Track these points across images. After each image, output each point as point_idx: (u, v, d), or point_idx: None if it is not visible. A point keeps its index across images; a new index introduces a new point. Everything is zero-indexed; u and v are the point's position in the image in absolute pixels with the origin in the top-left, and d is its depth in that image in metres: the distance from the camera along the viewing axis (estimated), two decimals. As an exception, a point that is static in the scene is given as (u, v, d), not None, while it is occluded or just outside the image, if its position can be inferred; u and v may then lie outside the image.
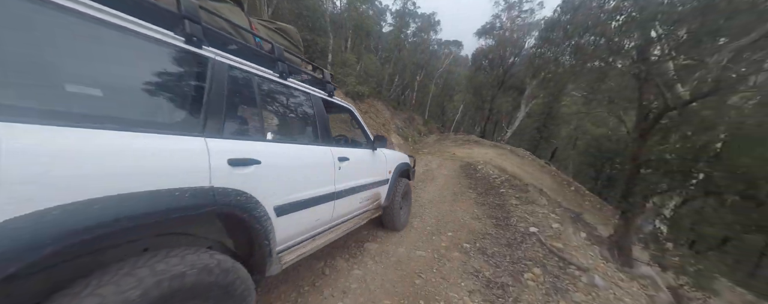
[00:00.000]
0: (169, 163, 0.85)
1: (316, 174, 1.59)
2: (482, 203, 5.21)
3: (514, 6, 19.67)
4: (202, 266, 0.85)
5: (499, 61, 20.15)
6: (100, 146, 0.71)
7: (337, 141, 2.08)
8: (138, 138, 0.81)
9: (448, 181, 7.97)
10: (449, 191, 6.24)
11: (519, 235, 3.33)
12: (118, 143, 0.76)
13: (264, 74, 1.37)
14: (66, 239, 0.60)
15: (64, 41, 0.71)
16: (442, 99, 32.17)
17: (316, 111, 1.77)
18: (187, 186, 0.86)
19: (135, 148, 0.79)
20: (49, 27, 0.68)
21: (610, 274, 2.49)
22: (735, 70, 3.64)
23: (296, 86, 1.63)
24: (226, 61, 1.17)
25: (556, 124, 17.10)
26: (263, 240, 1.15)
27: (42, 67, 0.67)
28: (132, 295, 0.68)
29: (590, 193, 12.65)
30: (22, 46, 0.63)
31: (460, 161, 11.56)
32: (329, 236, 1.80)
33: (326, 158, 1.70)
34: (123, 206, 0.70)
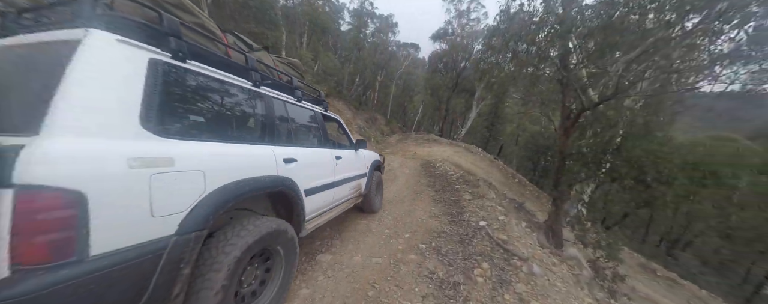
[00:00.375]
0: (259, 161, 1.53)
1: (324, 169, 2.33)
2: (439, 201, 5.38)
3: (463, 14, 21.25)
4: (277, 224, 1.53)
5: (453, 65, 21.55)
6: (231, 152, 1.40)
7: (333, 144, 2.76)
8: (245, 147, 1.50)
9: (409, 180, 8.12)
10: (409, 190, 6.33)
11: (470, 230, 3.48)
12: (239, 151, 1.45)
13: (290, 100, 2.11)
14: (229, 198, 1.24)
15: (219, 97, 1.48)
16: (403, 99, 33.06)
17: (319, 123, 2.47)
18: (267, 175, 1.53)
19: (245, 153, 1.48)
20: (211, 90, 1.42)
21: (545, 260, 2.76)
22: (627, 78, 4.46)
23: (306, 106, 2.36)
24: (272, 95, 1.86)
25: (501, 123, 19.09)
26: (300, 210, 1.84)
27: (204, 113, 1.36)
28: (244, 241, 1.31)
29: (530, 183, 14.42)
30: (202, 102, 1.36)
31: (421, 159, 11.94)
32: (331, 213, 2.57)
33: (329, 158, 2.43)
34: (244, 184, 1.33)
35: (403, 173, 9.29)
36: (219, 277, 1.17)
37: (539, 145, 16.95)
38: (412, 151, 14.84)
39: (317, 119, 2.49)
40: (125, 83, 0.99)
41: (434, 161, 11.06)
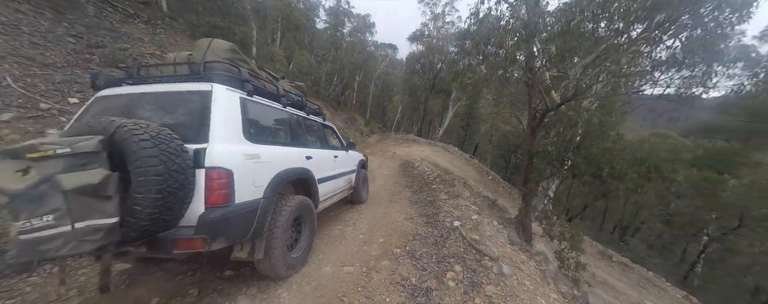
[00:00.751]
0: (293, 157, 2.38)
1: (328, 164, 3.14)
2: (416, 201, 5.35)
3: (438, 17, 21.76)
4: (303, 199, 2.37)
5: (430, 66, 21.98)
6: (283, 151, 2.28)
7: (331, 146, 3.55)
8: (287, 148, 2.39)
9: (387, 181, 8.06)
10: (387, 191, 6.25)
11: (445, 231, 3.47)
12: (286, 151, 2.34)
13: (302, 114, 2.95)
14: (283, 180, 2.09)
15: (281, 121, 2.55)
16: (383, 99, 33.05)
17: (321, 130, 3.32)
18: (299, 166, 2.40)
19: (285, 152, 2.32)
20: (273, 114, 2.43)
21: (514, 258, 2.81)
22: (584, 82, 4.79)
23: (312, 118, 3.22)
24: (295, 113, 2.78)
25: (476, 123, 19.87)
26: (316, 192, 2.66)
27: (264, 126, 2.22)
28: (290, 206, 2.17)
29: (503, 180, 15.16)
30: (271, 121, 2.38)
31: (400, 159, 11.94)
32: (331, 200, 3.41)
33: (330, 156, 3.25)
34: (290, 171, 2.21)
35: (382, 174, 9.20)
36: (282, 222, 2.06)
37: (510, 143, 17.89)
38: (392, 151, 14.82)
39: (320, 127, 3.40)
40: (234, 113, 1.79)
41: (413, 160, 11.12)
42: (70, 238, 1.09)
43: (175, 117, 1.65)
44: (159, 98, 1.74)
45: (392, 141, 19.15)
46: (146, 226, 1.28)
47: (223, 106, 1.71)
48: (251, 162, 1.78)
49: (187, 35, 11.09)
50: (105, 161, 1.20)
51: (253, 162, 1.79)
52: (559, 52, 4.22)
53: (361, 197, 4.50)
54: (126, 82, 1.96)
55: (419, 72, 23.21)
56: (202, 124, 1.60)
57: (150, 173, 1.25)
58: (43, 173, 1.08)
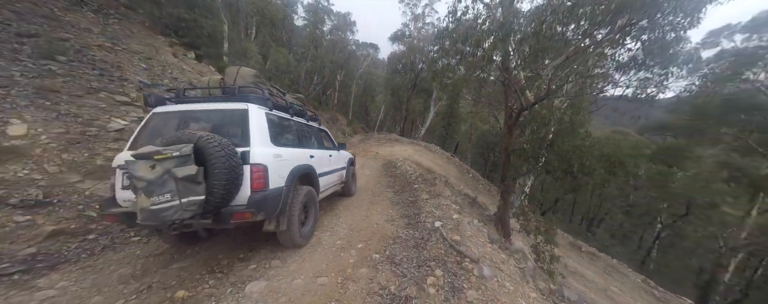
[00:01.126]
0: (301, 156, 3.04)
1: (326, 162, 3.77)
2: (397, 202, 5.23)
3: (419, 18, 21.95)
4: (309, 189, 3.04)
5: (411, 66, 22.10)
6: (296, 152, 2.98)
7: (326, 146, 4.14)
8: (297, 149, 3.04)
9: (369, 182, 7.88)
10: (368, 193, 6.06)
11: (426, 232, 3.37)
12: (298, 152, 3.01)
13: (304, 121, 3.65)
14: (298, 174, 2.79)
15: (291, 128, 3.17)
16: (365, 99, 32.76)
17: (317, 133, 3.97)
18: (306, 163, 3.06)
19: (296, 152, 2.96)
20: (287, 123, 3.08)
21: (495, 258, 2.77)
22: (555, 82, 4.96)
23: (311, 124, 3.92)
24: (299, 121, 3.48)
25: (457, 123, 20.33)
26: (317, 185, 3.29)
27: (281, 133, 2.85)
28: (301, 194, 2.85)
29: (482, 178, 15.62)
30: (286, 129, 3.02)
31: (383, 159, 11.80)
32: (328, 191, 4.05)
33: (326, 155, 3.87)
34: (300, 166, 2.88)
35: (364, 175, 9.01)
36: (297, 205, 2.71)
37: (489, 142, 18.51)
38: (375, 151, 14.64)
39: (317, 131, 4.01)
40: (263, 125, 2.43)
41: (396, 160, 11.03)
42: (178, 208, 1.74)
43: (221, 128, 2.33)
44: (207, 114, 2.42)
45: (375, 141, 18.98)
46: (218, 202, 1.96)
47: (256, 120, 2.39)
48: (278, 160, 2.49)
49: (147, 27, 10.07)
50: (194, 160, 1.83)
51: (278, 160, 2.51)
52: (533, 52, 4.34)
53: (350, 190, 5.22)
54: (170, 101, 2.57)
55: (401, 72, 23.26)
56: (243, 133, 2.29)
57: (220, 167, 1.91)
58: (164, 168, 1.71)
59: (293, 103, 3.41)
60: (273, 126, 2.60)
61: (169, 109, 2.48)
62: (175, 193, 1.74)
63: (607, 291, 7.95)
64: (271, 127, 2.56)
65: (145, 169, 1.71)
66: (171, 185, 1.73)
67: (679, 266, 13.54)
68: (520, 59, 4.89)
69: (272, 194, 2.32)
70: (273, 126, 2.60)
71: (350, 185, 5.13)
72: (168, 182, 1.72)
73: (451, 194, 6.07)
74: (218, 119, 2.38)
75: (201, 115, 2.42)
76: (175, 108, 2.49)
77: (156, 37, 10.16)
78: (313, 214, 3.17)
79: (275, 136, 2.58)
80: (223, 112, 2.39)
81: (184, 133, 1.96)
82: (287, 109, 3.12)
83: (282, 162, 2.53)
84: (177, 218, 1.75)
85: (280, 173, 2.48)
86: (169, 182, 1.72)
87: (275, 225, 2.51)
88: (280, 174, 2.46)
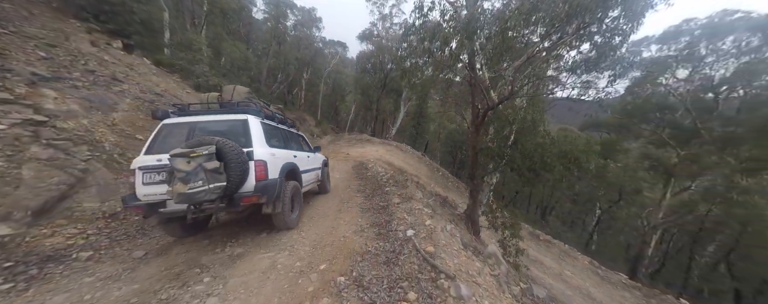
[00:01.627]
0: (287, 155, 3.69)
1: (305, 161, 4.36)
2: (368, 208, 4.86)
3: (386, 18, 21.84)
4: (295, 183, 3.72)
5: (380, 66, 21.89)
6: (284, 152, 3.66)
7: (304, 149, 4.83)
8: (285, 150, 3.76)
9: (339, 186, 7.39)
10: (336, 199, 5.59)
11: (398, 243, 3.07)
12: (285, 152, 3.71)
13: (290, 130, 4.53)
14: (286, 170, 3.46)
15: (278, 133, 3.85)
16: (335, 99, 31.65)
17: (296, 137, 4.66)
18: (291, 161, 3.72)
19: (284, 152, 3.65)
20: (275, 130, 3.77)
21: (470, 270, 2.59)
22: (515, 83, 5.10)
23: (292, 130, 4.58)
24: (290, 130, 4.51)
25: (426, 122, 20.73)
26: (300, 180, 3.96)
27: (273, 137, 3.56)
28: (290, 186, 3.52)
29: (452, 176, 16.12)
30: (275, 134, 3.72)
31: (353, 161, 11.31)
32: (308, 187, 4.74)
33: (305, 155, 4.48)
34: (288, 163, 3.57)
35: (334, 178, 8.47)
36: (287, 192, 3.37)
37: (456, 140, 19.21)
38: (345, 152, 14.06)
39: (296, 135, 4.60)
40: (260, 130, 3.14)
41: (367, 161, 10.63)
42: (207, 192, 2.40)
43: (226, 134, 2.89)
44: (213, 124, 3.05)
45: (346, 142, 18.33)
46: (232, 188, 2.63)
47: (255, 127, 3.07)
48: (272, 157, 3.13)
49: (54, 9, 8.13)
50: (216, 157, 2.52)
51: (273, 157, 3.14)
52: (497, 51, 4.39)
53: (325, 188, 5.79)
54: (174, 114, 3.16)
55: (370, 72, 22.91)
56: (246, 137, 2.96)
57: (234, 162, 2.62)
58: (197, 163, 2.37)
59: (276, 113, 4.12)
60: (266, 131, 3.30)
61: (177, 120, 3.07)
62: (205, 180, 2.40)
63: (561, 275, 8.65)
64: (265, 132, 3.27)
65: (183, 163, 2.36)
66: (202, 174, 2.39)
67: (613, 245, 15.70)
68: (486, 59, 4.91)
69: (271, 182, 2.99)
70: (266, 131, 3.30)
71: (325, 184, 5.80)
72: (200, 172, 2.38)
73: (423, 195, 5.92)
74: (223, 128, 3.00)
75: (208, 125, 3.03)
76: (182, 120, 3.07)
77: (67, 21, 8.25)
78: (299, 204, 3.86)
79: (268, 140, 3.30)
80: (227, 122, 3.06)
81: (205, 137, 2.62)
82: (274, 118, 3.84)
83: (275, 159, 3.23)
84: (206, 199, 2.43)
85: (275, 168, 3.16)
86: (200, 173, 2.38)
87: (272, 208, 3.14)
88: (274, 168, 3.14)
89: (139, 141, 5.73)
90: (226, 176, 2.53)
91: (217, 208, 2.62)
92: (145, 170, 2.70)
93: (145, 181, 2.69)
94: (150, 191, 2.68)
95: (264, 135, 3.16)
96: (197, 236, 3.55)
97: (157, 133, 2.93)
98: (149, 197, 2.67)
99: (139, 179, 2.70)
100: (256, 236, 3.45)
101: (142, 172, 2.70)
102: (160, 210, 2.65)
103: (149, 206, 2.65)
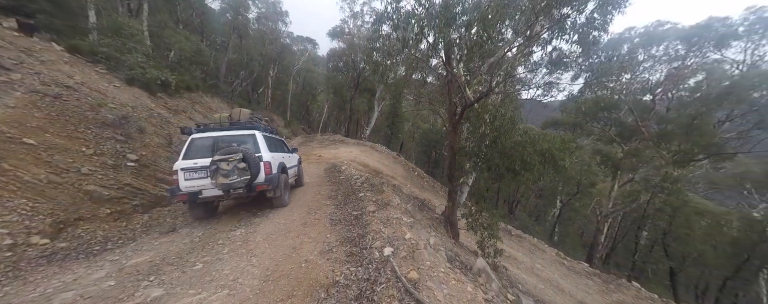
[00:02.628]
0: (279, 157, 5.00)
1: (288, 160, 5.56)
2: (339, 220, 4.19)
3: (357, 15, 21.14)
4: (285, 176, 5.14)
5: (353, 65, 21.10)
6: (278, 154, 5.05)
7: (286, 151, 5.75)
8: (279, 153, 5.14)
9: (307, 193, 6.56)
10: (304, 208, 4.82)
11: (373, 268, 2.48)
12: (279, 154, 5.08)
13: (276, 137, 5.73)
14: (280, 167, 4.87)
15: (273, 141, 5.23)
16: (306, 99, 29.88)
17: (279, 141, 5.68)
18: (282, 161, 5.04)
19: (278, 154, 5.03)
20: (271, 139, 5.17)
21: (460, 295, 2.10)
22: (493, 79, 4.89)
23: (276, 136, 5.71)
24: (274, 136, 5.55)
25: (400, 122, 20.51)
26: (288, 175, 5.33)
27: (271, 144, 4.95)
28: (283, 180, 4.97)
29: (427, 175, 16.02)
30: (273, 142, 5.18)
31: (326, 163, 10.43)
32: (291, 180, 5.99)
33: (288, 156, 5.73)
34: (281, 163, 4.94)
35: (304, 182, 7.60)
36: (282, 183, 4.74)
37: (431, 140, 19.25)
38: (317, 154, 13.06)
39: (280, 141, 5.70)
40: (264, 141, 4.54)
41: (340, 163, 9.84)
42: (239, 182, 3.72)
43: (241, 144, 4.15)
44: (231, 138, 4.28)
45: (318, 143, 17.22)
46: (252, 180, 3.89)
47: (260, 139, 4.39)
48: (273, 159, 4.42)
49: None
50: (243, 160, 3.76)
51: (273, 159, 4.45)
52: (477, 42, 4.10)
53: (301, 181, 6.76)
54: (195, 131, 4.33)
55: (343, 70, 21.98)
56: (255, 146, 4.25)
57: (254, 163, 3.87)
58: (233, 164, 3.69)
59: (268, 125, 5.52)
60: (267, 141, 4.61)
61: (202, 135, 4.28)
62: (238, 175, 3.70)
63: (533, 269, 8.86)
64: (266, 141, 4.57)
65: (225, 164, 3.65)
66: (236, 171, 3.69)
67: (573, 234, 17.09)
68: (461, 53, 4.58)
69: (274, 176, 4.33)
70: (267, 141, 4.61)
71: (301, 178, 6.85)
72: (235, 170, 3.68)
73: (401, 201, 5.41)
74: (238, 140, 4.29)
75: (227, 138, 4.29)
76: (206, 134, 4.30)
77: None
78: (288, 189, 5.12)
79: (269, 147, 4.56)
80: (241, 135, 4.39)
81: (233, 147, 3.91)
82: (271, 131, 5.31)
83: (275, 160, 4.54)
84: (238, 187, 3.78)
85: (274, 166, 4.46)
86: (236, 170, 3.68)
87: (273, 193, 4.42)
88: (274, 166, 4.44)
89: (27, 146, 4.32)
90: (250, 172, 3.80)
91: (243, 193, 3.98)
92: (186, 170, 3.90)
93: (186, 178, 3.88)
94: (190, 184, 3.88)
95: (266, 144, 4.48)
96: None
97: (189, 144, 4.11)
98: (189, 188, 3.88)
99: (182, 177, 3.87)
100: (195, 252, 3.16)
101: (183, 172, 3.89)
102: (198, 197, 3.89)
103: (191, 195, 3.87)
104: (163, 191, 5.61)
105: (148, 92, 8.91)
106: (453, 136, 5.19)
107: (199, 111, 12.22)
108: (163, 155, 6.29)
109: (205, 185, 3.80)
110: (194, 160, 3.90)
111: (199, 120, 10.67)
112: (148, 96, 8.96)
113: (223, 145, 3.97)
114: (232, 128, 4.44)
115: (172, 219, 4.92)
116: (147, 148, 6.02)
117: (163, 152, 6.38)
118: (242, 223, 4.17)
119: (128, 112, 6.57)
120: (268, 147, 4.43)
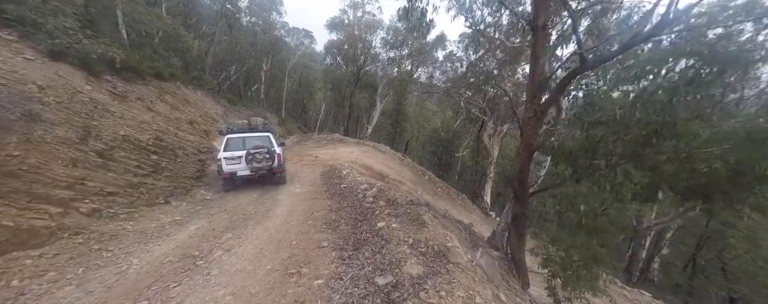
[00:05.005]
0: (282, 150, 6.49)
1: (280, 151, 6.51)
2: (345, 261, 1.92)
3: (358, 6, 18.87)
4: (283, 163, 6.90)
5: (353, 58, 18.81)
6: (279, 148, 6.34)
7: (277, 143, 6.49)
8: (279, 147, 6.45)
9: (295, 207, 4.29)
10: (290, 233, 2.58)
11: None
12: (281, 148, 6.50)
13: (275, 134, 7.29)
14: (282, 156, 6.80)
15: (276, 139, 6.86)
16: (302, 96, 27.32)
17: (272, 137, 6.56)
18: (281, 152, 6.33)
19: (281, 148, 6.56)
20: (275, 137, 6.87)
21: None
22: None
23: (269, 133, 6.82)
24: (270, 132, 6.94)
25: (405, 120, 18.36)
26: (283, 162, 6.47)
27: (277, 141, 6.76)
28: (284, 164, 7.11)
29: (439, 179, 13.82)
30: (277, 140, 6.73)
31: (323, 165, 8.10)
32: None
33: (278, 148, 6.38)
34: (282, 154, 6.72)
35: (293, 193, 5.46)
36: (283, 167, 6.39)
37: (441, 139, 16.98)
38: (313, 155, 10.72)
39: (272, 136, 6.44)
40: (273, 139, 6.37)
41: (340, 167, 7.50)
42: (266, 167, 5.65)
43: (262, 143, 5.82)
44: (253, 138, 5.98)
45: (314, 142, 14.87)
46: (272, 165, 5.70)
47: (273, 139, 6.19)
48: (280, 150, 6.01)
49: None
50: (267, 152, 5.69)
51: (280, 150, 6.02)
52: None
53: None
54: (227, 132, 6.12)
55: (341, 64, 19.66)
56: (270, 143, 5.97)
57: (273, 154, 5.69)
58: (263, 154, 5.65)
59: (271, 126, 7.70)
60: (275, 139, 6.28)
61: (234, 135, 5.94)
62: (265, 162, 5.49)
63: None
64: (275, 139, 6.23)
65: (258, 155, 5.45)
66: (264, 160, 5.48)
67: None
68: None
69: (283, 163, 6.04)
70: (275, 139, 6.28)
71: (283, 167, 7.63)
72: (265, 158, 5.49)
73: (458, 239, 3.14)
74: (259, 140, 5.90)
75: (251, 138, 5.91)
76: (237, 135, 5.96)
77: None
78: (286, 172, 6.44)
79: (276, 141, 6.21)
80: (260, 136, 6.01)
81: (260, 145, 5.62)
82: (269, 130, 6.60)
83: (280, 152, 5.94)
84: (265, 169, 5.56)
85: (281, 156, 5.94)
86: (265, 159, 5.49)
87: (281, 174, 5.95)
88: (281, 156, 5.93)
89: None
90: (271, 160, 5.55)
91: (266, 173, 5.70)
92: (227, 158, 5.45)
93: (227, 164, 5.45)
94: (230, 168, 5.47)
95: (275, 139, 6.20)
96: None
97: (227, 142, 5.74)
98: (230, 169, 5.48)
99: (224, 163, 5.43)
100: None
101: (225, 160, 5.44)
102: (236, 176, 5.57)
103: (231, 174, 5.51)
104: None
105: (86, 71, 6.44)
106: (535, 125, 2.98)
107: (169, 102, 9.71)
108: (64, 156, 3.87)
109: (239, 168, 5.51)
110: (231, 151, 5.54)
111: (162, 112, 8.26)
112: (84, 76, 6.48)
113: (250, 142, 5.77)
114: (253, 131, 6.31)
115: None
116: (31, 145, 3.61)
117: (67, 152, 3.97)
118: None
119: (19, 90, 4.15)
120: (275, 143, 6.11)
